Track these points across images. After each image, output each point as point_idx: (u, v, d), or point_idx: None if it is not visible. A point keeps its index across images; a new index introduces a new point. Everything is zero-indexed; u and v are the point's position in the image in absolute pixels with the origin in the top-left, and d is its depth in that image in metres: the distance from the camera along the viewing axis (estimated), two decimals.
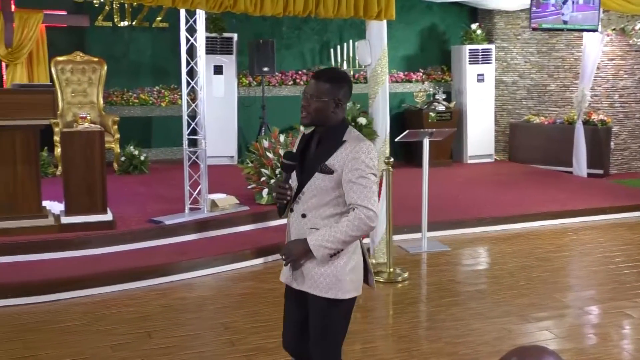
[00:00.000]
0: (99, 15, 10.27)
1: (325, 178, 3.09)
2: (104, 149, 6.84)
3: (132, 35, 10.57)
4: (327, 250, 3.06)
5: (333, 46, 11.03)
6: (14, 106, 6.42)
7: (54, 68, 9.77)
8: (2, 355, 4.70)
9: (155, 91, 10.68)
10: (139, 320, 5.35)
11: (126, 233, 6.73)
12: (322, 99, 3.12)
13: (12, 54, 9.30)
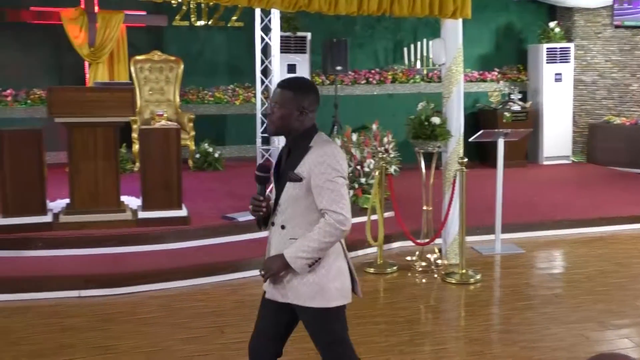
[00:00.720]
0: (177, 15, 10.50)
1: (295, 186, 3.08)
2: (180, 146, 6.99)
3: (208, 34, 10.76)
4: (303, 261, 3.04)
5: (406, 45, 10.95)
6: (96, 104, 6.63)
7: (133, 67, 10.05)
8: (83, 343, 4.86)
9: (230, 89, 10.84)
10: (212, 315, 5.44)
11: (200, 229, 6.86)
12: (285, 107, 3.11)
13: (94, 54, 9.61)
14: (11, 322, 5.26)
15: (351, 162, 7.71)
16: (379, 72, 11.21)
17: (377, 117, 9.01)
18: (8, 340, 4.94)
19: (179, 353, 4.75)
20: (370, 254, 6.89)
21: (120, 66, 9.99)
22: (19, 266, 6.10)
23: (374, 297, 6.00)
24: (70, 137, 6.66)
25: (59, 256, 6.33)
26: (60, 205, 7.04)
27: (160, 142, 6.83)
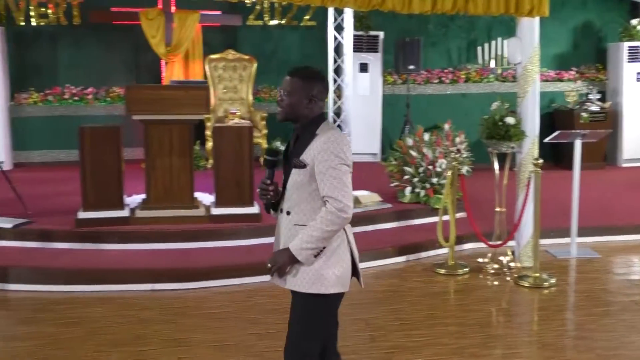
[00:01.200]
0: (250, 14, 10.64)
1: (299, 172, 3.13)
2: (252, 143, 7.07)
3: (281, 33, 10.86)
4: (308, 252, 3.09)
5: (480, 44, 10.78)
6: (171, 102, 6.78)
7: (208, 65, 10.22)
8: (156, 335, 4.99)
9: None
10: (283, 311, 5.44)
11: (271, 226, 6.81)
12: (294, 95, 3.16)
13: (170, 52, 9.82)
14: (90, 312, 5.44)
15: (422, 162, 7.65)
16: (452, 71, 11.07)
17: (449, 116, 8.89)
18: (87, 328, 5.11)
19: (250, 348, 4.81)
20: (441, 254, 6.83)
21: (195, 65, 10.19)
22: (97, 259, 6.30)
23: (444, 298, 5.94)
24: (147, 134, 6.83)
25: (134, 250, 6.50)
26: (136, 200, 7.23)
27: (233, 139, 6.93)
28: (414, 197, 7.68)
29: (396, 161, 7.89)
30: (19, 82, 10.25)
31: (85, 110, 10.30)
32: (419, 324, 5.23)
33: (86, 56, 10.41)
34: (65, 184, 8.40)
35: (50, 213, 7.12)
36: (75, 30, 10.32)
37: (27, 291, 5.91)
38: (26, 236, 6.63)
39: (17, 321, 5.36)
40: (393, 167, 7.92)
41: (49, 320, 5.30)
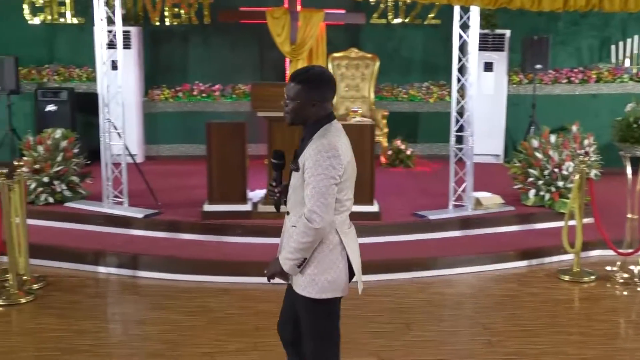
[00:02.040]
0: (374, 13, 10.65)
1: (295, 175, 3.19)
2: (374, 142, 7.07)
3: (405, 32, 10.80)
4: (290, 262, 3.16)
5: (614, 42, 10.31)
6: None
7: (331, 63, 10.33)
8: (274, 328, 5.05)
9: (424, 87, 10.81)
10: (399, 311, 5.47)
11: (391, 225, 6.92)
12: (297, 100, 3.17)
13: (295, 51, 9.99)
14: (212, 301, 5.64)
15: (548, 165, 7.40)
16: (582, 70, 10.62)
17: (577, 118, 8.57)
18: (209, 317, 5.30)
19: (366, 346, 4.83)
20: (565, 261, 6.57)
21: (318, 63, 10.30)
22: (220, 250, 6.51)
23: (567, 306, 5.72)
24: (270, 131, 6.97)
25: (255, 243, 6.67)
26: (258, 195, 7.40)
27: (354, 137, 6.85)
28: (538, 200, 7.45)
29: (520, 163, 7.68)
30: (153, 79, 10.74)
31: (212, 107, 10.65)
32: (539, 331, 5.07)
33: (214, 54, 10.77)
34: (192, 177, 8.73)
35: (178, 205, 7.43)
36: (205, 29, 10.71)
37: (155, 278, 6.20)
38: (155, 226, 6.96)
39: (146, 306, 5.64)
40: (517, 169, 7.71)
41: (174, 307, 5.54)
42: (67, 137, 7.75)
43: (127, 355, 4.70)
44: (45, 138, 7.65)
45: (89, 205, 7.44)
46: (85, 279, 6.25)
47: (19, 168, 6.01)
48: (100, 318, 5.45)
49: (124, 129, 7.52)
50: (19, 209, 5.86)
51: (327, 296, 3.20)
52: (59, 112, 9.93)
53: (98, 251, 6.46)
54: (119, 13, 7.37)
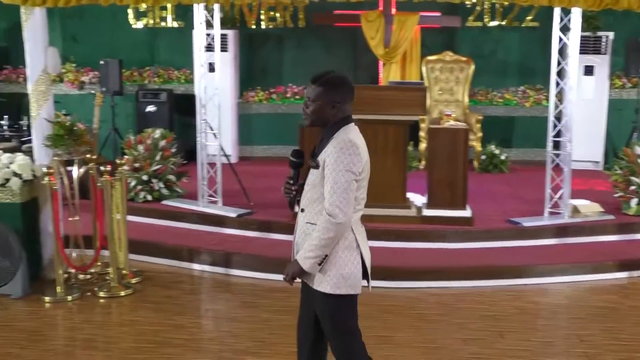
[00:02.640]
0: (470, 15, 10.48)
1: (314, 173, 3.25)
2: (467, 146, 6.97)
3: (501, 34, 10.58)
4: (311, 260, 3.21)
5: None
6: (389, 102, 6.87)
7: (425, 67, 10.24)
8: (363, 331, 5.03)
9: (520, 91, 10.56)
10: (491, 318, 5.36)
11: (483, 231, 6.79)
12: (317, 102, 3.27)
13: (388, 54, 9.96)
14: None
15: None
16: None
17: None
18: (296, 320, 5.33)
19: (456, 353, 4.75)
20: None
21: (412, 66, 10.25)
22: None
23: None
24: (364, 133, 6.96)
25: None
26: None
27: (448, 141, 6.88)
28: None
29: (621, 170, 7.38)
30: (247, 81, 10.95)
31: None
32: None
33: (308, 57, 10.87)
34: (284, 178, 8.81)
35: (269, 205, 7.54)
36: (299, 32, 10.82)
37: (246, 277, 6.31)
38: (248, 225, 7.09)
39: (238, 304, 5.75)
40: (618, 176, 7.42)
41: (264, 306, 5.62)
42: (166, 137, 7.99)
43: (217, 352, 4.80)
44: (145, 138, 7.92)
45: (185, 203, 7.65)
46: (180, 275, 6.43)
47: (120, 166, 6.25)
48: (193, 314, 5.59)
49: (220, 130, 7.69)
50: (120, 206, 6.09)
51: (342, 292, 3.26)
52: (158, 113, 10.28)
53: (193, 248, 6.63)
54: (218, 17, 7.56)
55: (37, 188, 6.07)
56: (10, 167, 5.90)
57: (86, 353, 4.80)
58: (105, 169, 5.87)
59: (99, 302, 5.78)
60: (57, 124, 6.06)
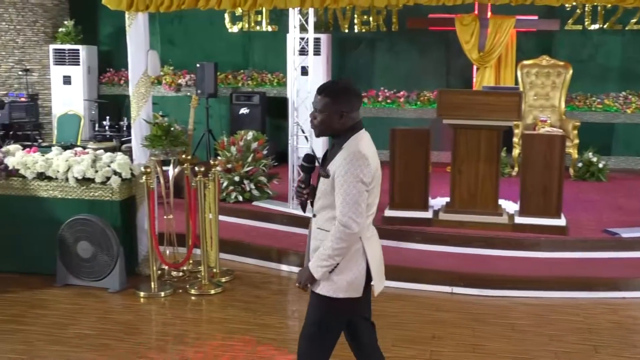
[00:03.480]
0: (569, 19, 10.18)
1: (325, 182, 3.29)
2: (564, 153, 6.76)
3: (602, 38, 10.23)
4: (323, 269, 3.25)
5: None
6: (483, 107, 6.75)
7: (520, 71, 10.00)
8: (452, 338, 5.02)
9: (622, 97, 10.17)
10: (585, 331, 5.18)
11: (578, 240, 6.56)
12: (325, 113, 3.28)
13: (483, 58, 9.80)
14: (388, 306, 5.65)
15: None
16: None
17: None
18: (385, 322, 5.31)
19: None
20: None
21: (506, 71, 10.04)
22: (399, 256, 6.51)
23: None
24: (455, 139, 6.88)
25: (435, 251, 6.61)
26: (439, 203, 7.33)
27: (543, 148, 6.69)
28: None
29: None
30: None
31: (397, 113, 10.72)
32: None
33: (400, 61, 10.83)
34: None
35: None
36: (392, 36, 10.79)
37: None
38: None
39: None
40: None
41: None
42: (258, 139, 8.13)
43: None
44: (238, 139, 8.08)
45: (275, 205, 7.75)
46: (269, 275, 6.52)
47: (214, 167, 6.39)
48: (281, 314, 5.66)
49: (311, 133, 7.75)
50: (212, 206, 6.23)
51: (343, 296, 3.32)
52: (251, 115, 10.48)
53: (281, 249, 6.71)
54: (312, 21, 7.63)
55: (135, 186, 6.30)
56: (110, 166, 6.14)
57: (177, 348, 4.93)
58: (199, 170, 6.02)
59: (190, 299, 5.93)
60: (156, 125, 6.26)
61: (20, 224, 6.28)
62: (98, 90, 11.87)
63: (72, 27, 11.43)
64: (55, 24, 11.72)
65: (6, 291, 5.98)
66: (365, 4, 5.89)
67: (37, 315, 5.48)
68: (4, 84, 11.71)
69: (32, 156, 6.32)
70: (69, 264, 6.07)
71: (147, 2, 6.12)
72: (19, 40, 11.76)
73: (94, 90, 11.78)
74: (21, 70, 11.45)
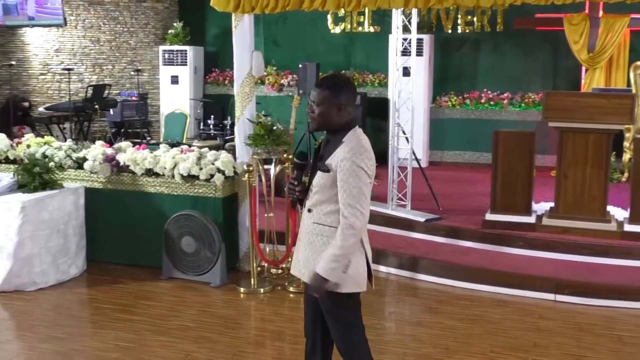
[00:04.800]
0: None
1: (324, 176, 3.29)
2: None
3: None
4: (338, 270, 3.23)
5: None
6: (592, 110, 6.51)
7: (633, 72, 9.54)
8: (555, 347, 4.86)
9: None
10: None
11: None
12: (323, 106, 3.30)
13: (592, 59, 9.44)
14: (488, 312, 5.54)
15: None
16: None
17: None
18: (485, 328, 5.22)
19: None
20: None
21: (618, 72, 9.63)
22: (500, 261, 6.38)
23: None
24: (561, 142, 6.67)
25: (538, 257, 6.43)
26: (543, 207, 7.12)
27: None
28: None
29: None
30: (441, 86, 10.88)
31: (499, 115, 10.49)
32: None
33: (504, 62, 10.60)
34: (475, 184, 8.68)
35: (459, 211, 7.44)
36: (497, 37, 10.57)
37: (432, 282, 6.26)
38: (436, 231, 7.03)
39: (422, 309, 5.72)
40: None
41: (449, 313, 5.54)
42: None
43: (400, 354, 4.80)
44: None
45: (374, 205, 7.72)
46: None
47: None
48: (378, 315, 5.64)
49: (411, 134, 7.70)
50: None
51: (348, 290, 3.34)
52: None
53: (380, 250, 6.68)
54: (415, 21, 7.58)
55: (238, 184, 6.44)
56: (214, 163, 6.31)
57: (275, 344, 5.01)
58: None
59: (289, 297, 6.01)
60: (259, 124, 6.38)
61: (129, 217, 6.55)
62: (204, 89, 12.23)
63: (180, 29, 11.83)
64: (165, 26, 12.17)
65: (118, 282, 6.25)
66: (471, 4, 5.79)
67: (144, 306, 5.70)
68: (117, 83, 12.27)
69: (142, 153, 6.58)
70: (173, 258, 6.28)
71: (253, 3, 6.25)
72: (132, 42, 12.29)
73: (199, 89, 12.15)
74: (133, 70, 11.96)
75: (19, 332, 5.31)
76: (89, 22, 12.31)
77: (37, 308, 5.66)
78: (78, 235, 6.41)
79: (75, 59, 12.41)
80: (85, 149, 6.85)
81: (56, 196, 6.20)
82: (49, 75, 12.60)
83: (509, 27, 10.23)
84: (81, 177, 6.69)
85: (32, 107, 12.36)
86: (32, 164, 6.26)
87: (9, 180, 6.30)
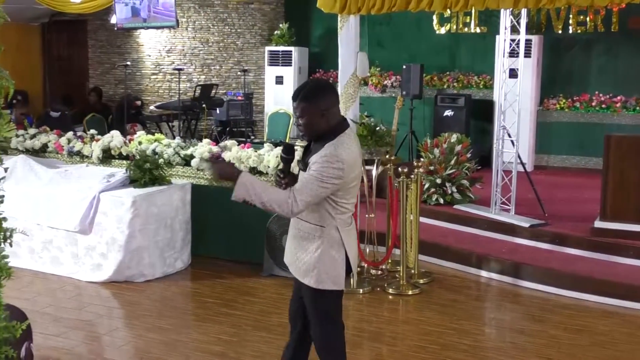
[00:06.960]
0: None
1: (303, 175, 3.36)
2: None
3: None
4: (244, 195, 3.29)
5: None
6: None
7: None
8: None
9: None
10: None
11: None
12: (305, 116, 3.34)
13: None
14: (595, 323, 5.34)
15: None
16: None
17: None
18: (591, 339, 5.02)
19: None
20: None
21: None
22: (609, 270, 6.12)
23: None
24: None
25: None
26: None
27: None
28: None
29: None
30: (549, 88, 10.55)
31: (611, 119, 10.07)
32: None
33: (618, 63, 10.16)
34: (584, 190, 8.38)
35: (566, 218, 7.20)
36: (610, 37, 10.15)
37: (536, 290, 6.09)
38: (540, 237, 6.83)
39: (524, 317, 5.57)
40: None
41: (554, 322, 5.38)
42: (462, 141, 8.01)
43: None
44: (442, 141, 8.02)
45: (476, 209, 7.61)
46: (467, 280, 6.42)
47: (416, 168, 6.40)
48: (478, 320, 5.55)
49: (517, 137, 7.51)
50: (413, 207, 6.25)
51: (325, 287, 3.44)
52: (455, 117, 10.38)
53: (481, 255, 6.57)
54: (524, 22, 7.38)
55: None
56: None
57: (373, 345, 5.01)
58: (402, 170, 6.06)
59: (388, 298, 5.99)
60: (362, 124, 6.40)
61: (232, 214, 6.70)
62: None
63: (286, 30, 12.01)
64: (272, 27, 12.39)
65: (221, 277, 6.42)
66: (585, 3, 5.60)
67: (245, 301, 5.82)
68: (224, 83, 12.60)
69: (246, 151, 6.73)
70: (274, 256, 6.38)
71: (359, 4, 6.28)
72: (239, 42, 12.59)
73: None
74: (239, 70, 12.25)
75: (127, 321, 5.54)
76: (199, 23, 12.71)
77: (145, 299, 5.89)
78: (184, 230, 6.63)
79: (185, 60, 12.85)
80: (192, 147, 7.07)
81: (165, 192, 6.43)
82: (160, 75, 13.11)
83: (624, 27, 9.80)
84: (188, 174, 6.92)
85: (144, 106, 12.89)
86: (143, 160, 6.52)
87: (122, 175, 6.58)
